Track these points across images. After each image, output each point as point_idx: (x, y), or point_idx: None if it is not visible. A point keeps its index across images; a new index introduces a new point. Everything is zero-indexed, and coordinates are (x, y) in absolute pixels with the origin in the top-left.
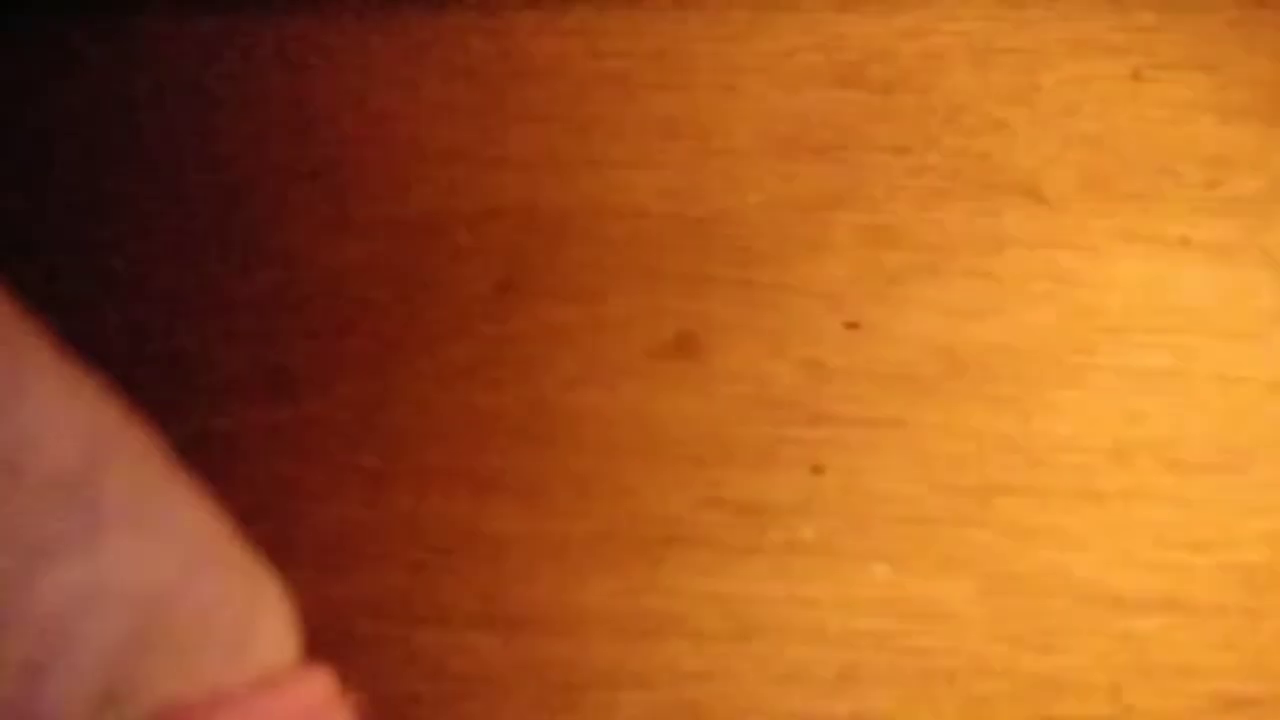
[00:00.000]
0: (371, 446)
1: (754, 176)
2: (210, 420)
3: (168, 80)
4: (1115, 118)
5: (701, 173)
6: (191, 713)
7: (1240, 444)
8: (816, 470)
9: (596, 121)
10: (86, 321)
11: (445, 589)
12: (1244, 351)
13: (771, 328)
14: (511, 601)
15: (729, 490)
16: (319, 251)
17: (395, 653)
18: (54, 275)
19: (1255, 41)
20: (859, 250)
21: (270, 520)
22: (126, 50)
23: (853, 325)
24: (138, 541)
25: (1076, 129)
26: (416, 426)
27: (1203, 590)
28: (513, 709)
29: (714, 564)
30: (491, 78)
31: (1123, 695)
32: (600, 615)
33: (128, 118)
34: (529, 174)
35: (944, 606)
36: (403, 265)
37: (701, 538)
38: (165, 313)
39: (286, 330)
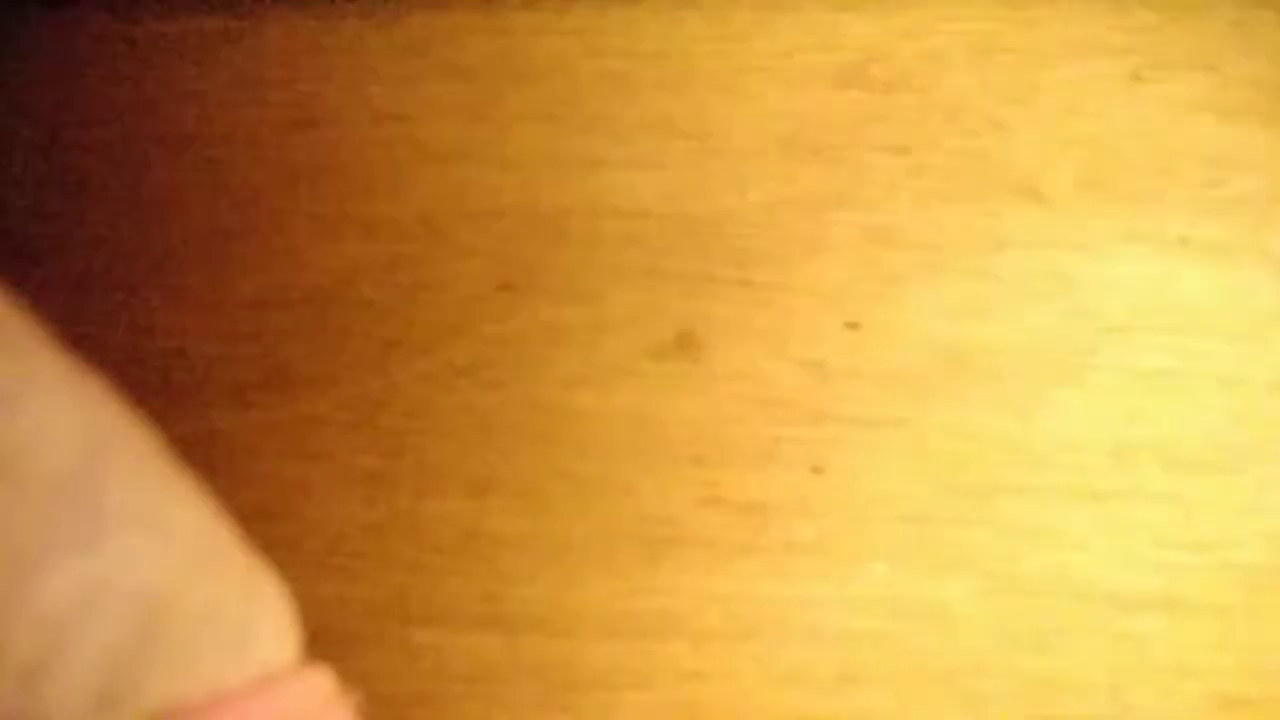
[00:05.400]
0: (371, 446)
1: (754, 176)
2: (210, 420)
3: (167, 80)
4: (1115, 118)
5: (701, 173)
6: (191, 713)
7: (1240, 444)
8: (816, 470)
9: (596, 121)
10: (86, 322)
11: (445, 589)
12: (1244, 351)
13: (771, 328)
14: (511, 601)
15: (729, 490)
16: (319, 251)
17: (395, 653)
18: (54, 275)
19: (1255, 41)
20: (859, 250)
21: (270, 520)
22: (126, 50)
23: (853, 325)
24: (138, 541)
25: (1076, 129)
26: (416, 426)
27: (1203, 590)
28: (513, 709)
29: (714, 564)
30: (491, 78)
31: (1122, 695)
32: (600, 615)
33: (127, 117)
34: (529, 174)
35: (944, 606)
36: (403, 265)
37: (701, 538)
38: (165, 313)
39: (286, 330)
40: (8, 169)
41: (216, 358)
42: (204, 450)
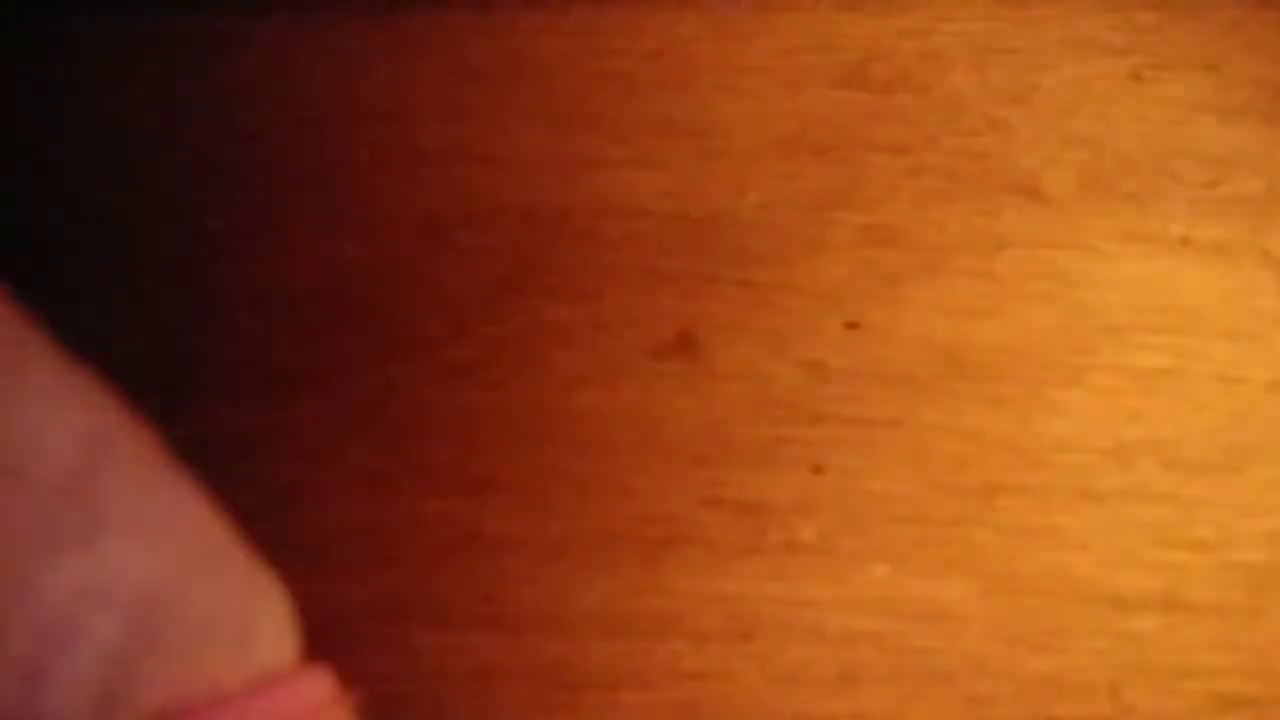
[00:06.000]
0: (371, 446)
1: (754, 176)
2: (210, 420)
3: (167, 80)
4: (1115, 118)
5: (701, 173)
6: (191, 713)
7: (1240, 444)
8: (816, 470)
9: (596, 121)
10: (87, 322)
11: (445, 589)
12: (1244, 351)
13: (771, 328)
14: (511, 601)
15: (729, 490)
16: (319, 251)
17: (395, 653)
18: (54, 275)
19: (1255, 41)
20: (859, 250)
21: (270, 520)
22: (125, 50)
23: (853, 325)
24: (138, 541)
25: (1076, 129)
26: (416, 426)
27: (1203, 590)
28: (513, 709)
29: (714, 564)
30: (491, 78)
31: (1123, 695)
32: (600, 615)
33: (127, 117)
34: (529, 174)
35: (944, 606)
36: (403, 265)
37: (701, 538)
38: (166, 313)
39: (286, 330)
40: (7, 169)
41: (216, 358)
42: (204, 450)
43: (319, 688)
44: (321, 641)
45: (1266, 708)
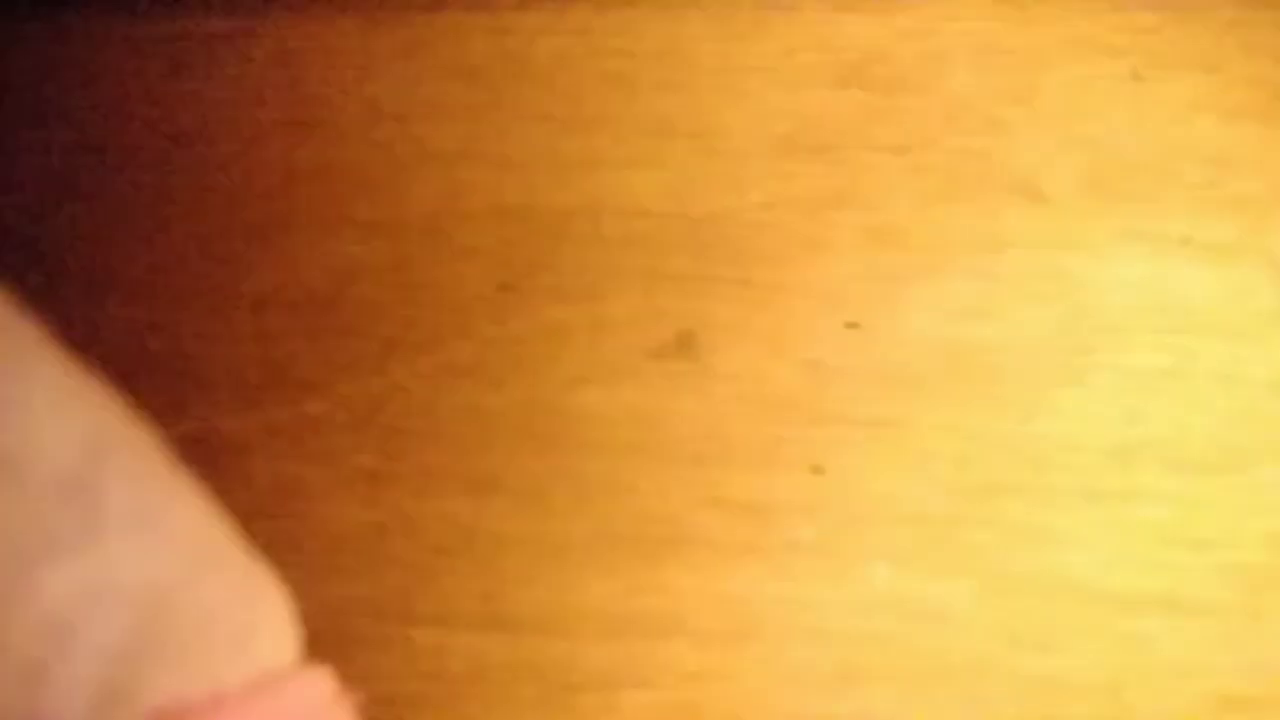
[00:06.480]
0: (371, 446)
1: (754, 176)
2: (210, 420)
3: (167, 80)
4: (1115, 118)
5: (701, 173)
6: (191, 713)
7: (1240, 444)
8: (816, 470)
9: (596, 121)
10: (86, 321)
11: (445, 589)
12: (1244, 351)
13: (771, 328)
14: (511, 601)
15: (729, 490)
16: (319, 251)
17: (395, 653)
18: (54, 275)
19: (1255, 41)
20: (859, 250)
21: (270, 520)
22: (126, 50)
23: (853, 325)
24: (138, 541)
25: (1076, 129)
26: (416, 426)
27: (1203, 590)
28: (513, 709)
29: (714, 564)
30: (491, 78)
31: (1123, 695)
32: (600, 615)
33: (127, 117)
34: (529, 174)
35: (944, 606)
36: (403, 265)
37: (701, 538)
38: (165, 313)
39: (286, 330)
40: (7, 169)
41: (216, 358)
42: (204, 450)
43: (319, 688)
44: (321, 641)
45: (1266, 708)
